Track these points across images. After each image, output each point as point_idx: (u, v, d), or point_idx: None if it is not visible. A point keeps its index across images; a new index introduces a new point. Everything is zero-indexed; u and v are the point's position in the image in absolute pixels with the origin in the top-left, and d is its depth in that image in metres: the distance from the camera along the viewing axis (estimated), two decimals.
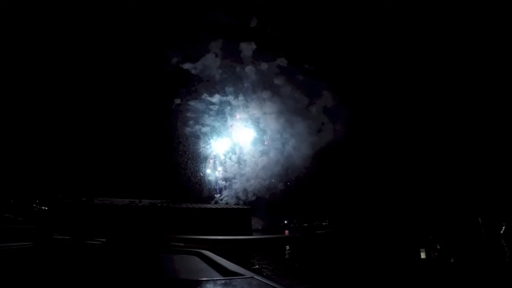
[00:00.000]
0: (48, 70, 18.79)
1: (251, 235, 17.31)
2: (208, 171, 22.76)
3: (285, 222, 24.13)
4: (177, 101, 22.21)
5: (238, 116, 23.01)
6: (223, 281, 1.99)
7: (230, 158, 22.79)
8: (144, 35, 20.76)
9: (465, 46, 18.51)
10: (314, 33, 21.47)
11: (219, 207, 20.00)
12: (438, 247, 10.64)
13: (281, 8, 21.27)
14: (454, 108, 18.76)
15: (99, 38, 19.75)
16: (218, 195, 22.07)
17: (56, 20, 18.46)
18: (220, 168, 22.86)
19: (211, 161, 22.87)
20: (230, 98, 22.72)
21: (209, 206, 19.53)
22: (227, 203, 21.37)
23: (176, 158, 21.77)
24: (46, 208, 14.95)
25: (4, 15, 16.93)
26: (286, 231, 22.87)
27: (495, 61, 17.82)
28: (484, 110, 18.10)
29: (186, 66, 22.38)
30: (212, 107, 22.66)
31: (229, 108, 22.80)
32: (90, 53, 19.68)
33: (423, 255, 10.29)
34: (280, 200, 22.08)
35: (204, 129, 22.49)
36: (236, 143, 23.11)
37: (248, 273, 2.02)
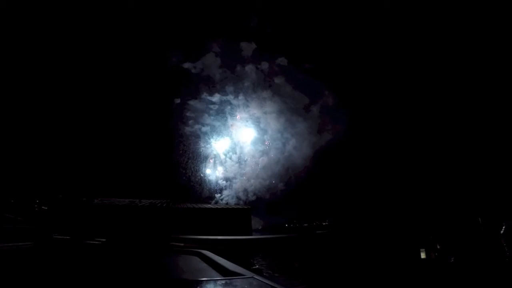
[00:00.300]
0: (49, 70, 18.79)
1: (251, 235, 17.31)
2: (208, 170, 22.76)
3: (285, 221, 24.10)
4: (177, 100, 22.23)
5: (238, 117, 23.02)
6: (223, 281, 1.99)
7: (230, 158, 22.80)
8: (145, 35, 20.77)
9: (464, 46, 18.50)
10: (314, 32, 21.48)
11: (219, 207, 19.99)
12: (438, 247, 10.64)
13: (281, 8, 21.27)
14: (454, 108, 18.75)
15: (99, 38, 19.75)
16: (219, 195, 22.07)
17: (59, 20, 18.46)
18: (220, 168, 22.87)
19: (211, 160, 22.87)
20: (230, 97, 22.75)
21: (209, 206, 19.52)
22: (227, 203, 21.36)
23: (176, 158, 21.78)
24: (46, 208, 14.93)
25: (6, 15, 16.92)
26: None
27: (495, 61, 17.81)
28: (484, 110, 18.09)
29: (186, 65, 22.42)
30: (212, 106, 22.69)
31: (229, 107, 22.82)
32: (90, 53, 19.68)
33: (423, 255, 10.30)
34: (280, 200, 22.09)
35: (204, 129, 22.50)
36: (237, 142, 23.12)
37: (248, 273, 2.02)
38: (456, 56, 18.83)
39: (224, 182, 22.45)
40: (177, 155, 21.80)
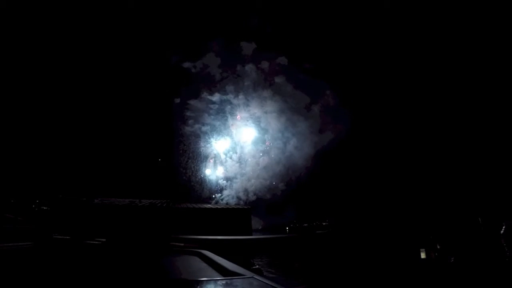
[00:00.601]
0: (50, 70, 18.80)
1: (251, 235, 17.32)
2: (209, 170, 22.74)
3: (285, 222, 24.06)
4: (177, 100, 22.24)
5: (238, 116, 23.01)
6: (223, 281, 1.99)
7: (230, 158, 22.78)
8: (145, 35, 20.76)
9: (464, 47, 18.50)
10: (315, 32, 21.48)
11: (219, 207, 19.99)
12: (438, 247, 10.64)
13: (281, 8, 21.27)
14: (454, 108, 18.75)
15: (99, 38, 19.75)
16: (219, 195, 22.06)
17: (61, 20, 18.48)
18: (220, 168, 22.85)
19: (212, 160, 22.85)
20: (231, 97, 22.75)
21: (209, 206, 19.52)
22: (227, 203, 21.35)
23: (176, 158, 21.78)
24: (46, 208, 14.93)
25: (9, 16, 16.92)
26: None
27: (495, 62, 17.81)
28: (484, 111, 18.09)
29: (187, 65, 22.42)
30: (212, 106, 22.69)
31: (229, 107, 22.82)
32: (89, 53, 19.68)
33: (423, 255, 10.29)
34: (280, 200, 22.07)
35: (204, 128, 22.50)
36: (237, 142, 23.10)
37: (248, 273, 2.02)
38: (456, 56, 18.83)
39: (225, 182, 22.46)
40: (177, 155, 21.81)
